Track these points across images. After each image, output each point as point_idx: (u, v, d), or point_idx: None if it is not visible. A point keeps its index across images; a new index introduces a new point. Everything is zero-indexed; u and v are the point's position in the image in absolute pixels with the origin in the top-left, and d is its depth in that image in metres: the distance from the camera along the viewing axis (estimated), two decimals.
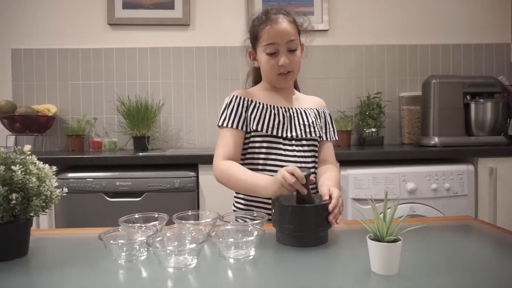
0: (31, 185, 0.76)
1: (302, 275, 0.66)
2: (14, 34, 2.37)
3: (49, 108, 2.28)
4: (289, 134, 1.15)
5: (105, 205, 1.75)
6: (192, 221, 0.91)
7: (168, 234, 0.76)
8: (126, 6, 2.40)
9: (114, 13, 2.40)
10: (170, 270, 0.69)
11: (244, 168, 1.08)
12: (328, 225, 0.85)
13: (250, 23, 1.18)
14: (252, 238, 0.76)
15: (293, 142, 1.15)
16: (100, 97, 2.42)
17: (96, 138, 2.41)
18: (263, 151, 1.13)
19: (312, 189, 0.92)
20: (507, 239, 0.87)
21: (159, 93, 2.43)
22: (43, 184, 0.79)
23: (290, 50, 1.12)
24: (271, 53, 1.12)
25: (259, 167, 1.13)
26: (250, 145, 1.15)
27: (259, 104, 1.15)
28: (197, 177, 1.81)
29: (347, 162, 1.85)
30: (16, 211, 0.77)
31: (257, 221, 0.87)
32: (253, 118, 1.13)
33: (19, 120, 2.14)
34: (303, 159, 1.15)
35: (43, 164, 0.81)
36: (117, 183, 1.75)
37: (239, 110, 1.13)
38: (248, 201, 1.17)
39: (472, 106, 2.06)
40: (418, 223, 0.89)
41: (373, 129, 2.36)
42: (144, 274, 0.69)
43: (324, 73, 2.49)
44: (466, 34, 2.52)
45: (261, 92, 1.20)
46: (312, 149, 1.19)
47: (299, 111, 1.19)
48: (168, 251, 0.72)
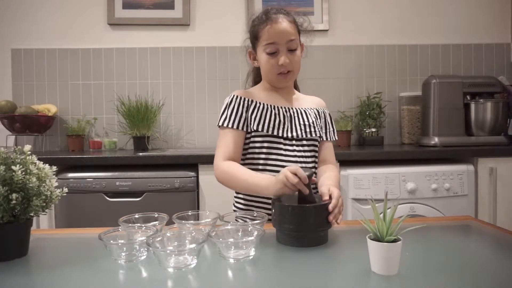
0: (31, 185, 0.76)
1: (302, 275, 0.66)
2: (14, 34, 2.37)
3: (49, 108, 2.28)
4: (290, 134, 1.15)
5: (105, 205, 1.75)
6: (192, 221, 0.91)
7: (168, 234, 0.76)
8: (126, 6, 2.40)
9: (114, 13, 2.40)
10: (170, 270, 0.69)
11: (245, 168, 1.08)
12: (328, 225, 0.85)
13: (250, 23, 1.18)
14: (252, 238, 0.76)
15: (294, 142, 1.15)
16: (100, 97, 2.42)
17: (96, 138, 2.41)
18: (264, 151, 1.13)
19: (312, 189, 0.92)
20: (507, 239, 0.87)
21: (159, 93, 2.43)
22: (43, 184, 0.79)
23: (290, 50, 1.12)
24: (271, 53, 1.12)
25: (260, 167, 1.13)
26: (251, 145, 1.15)
27: (260, 104, 1.15)
28: (197, 177, 1.81)
29: (347, 162, 1.85)
30: (16, 211, 0.77)
31: (257, 221, 0.87)
32: (254, 118, 1.13)
33: (19, 120, 2.14)
34: (304, 159, 1.15)
35: (43, 164, 0.81)
36: (117, 183, 1.75)
37: (240, 110, 1.13)
38: (248, 201, 1.17)
39: (472, 106, 2.06)
40: (418, 223, 0.89)
41: (373, 129, 2.36)
42: (144, 274, 0.69)
43: (324, 73, 2.49)
44: (466, 34, 2.52)
45: (261, 92, 1.20)
46: (313, 149, 1.19)
47: (299, 111, 1.19)
48: (168, 251, 0.72)
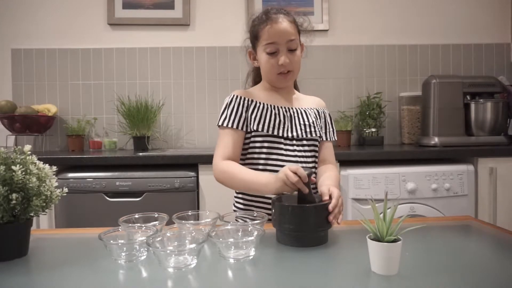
0: (31, 185, 0.76)
1: (302, 275, 0.66)
2: (14, 34, 2.37)
3: (49, 108, 2.28)
4: (290, 134, 1.15)
5: (105, 205, 1.75)
6: (192, 221, 0.91)
7: (168, 234, 0.76)
8: (126, 6, 2.40)
9: (114, 13, 2.40)
10: (170, 270, 0.69)
11: (244, 167, 1.08)
12: (328, 225, 0.85)
13: (250, 23, 1.18)
14: (252, 238, 0.76)
15: (294, 142, 1.15)
16: (100, 97, 2.42)
17: (96, 138, 2.41)
18: (264, 151, 1.13)
19: (312, 189, 0.92)
20: (507, 239, 0.87)
21: (159, 93, 2.43)
22: (43, 184, 0.79)
23: (290, 50, 1.12)
24: (271, 53, 1.12)
25: (260, 167, 1.13)
26: (251, 145, 1.15)
27: (260, 104, 1.15)
28: (197, 177, 1.81)
29: (347, 162, 1.85)
30: (16, 211, 0.77)
31: (257, 221, 0.87)
32: (254, 118, 1.13)
33: (19, 120, 2.14)
34: (304, 159, 1.15)
35: (43, 164, 0.81)
36: (117, 183, 1.75)
37: (239, 110, 1.13)
38: (248, 201, 1.17)
39: (472, 106, 2.06)
40: (418, 223, 0.89)
41: (373, 129, 2.36)
42: (144, 274, 0.69)
43: (324, 73, 2.49)
44: (466, 34, 2.52)
45: (261, 92, 1.20)
46: (313, 149, 1.19)
47: (300, 111, 1.19)
48: (168, 251, 0.72)
